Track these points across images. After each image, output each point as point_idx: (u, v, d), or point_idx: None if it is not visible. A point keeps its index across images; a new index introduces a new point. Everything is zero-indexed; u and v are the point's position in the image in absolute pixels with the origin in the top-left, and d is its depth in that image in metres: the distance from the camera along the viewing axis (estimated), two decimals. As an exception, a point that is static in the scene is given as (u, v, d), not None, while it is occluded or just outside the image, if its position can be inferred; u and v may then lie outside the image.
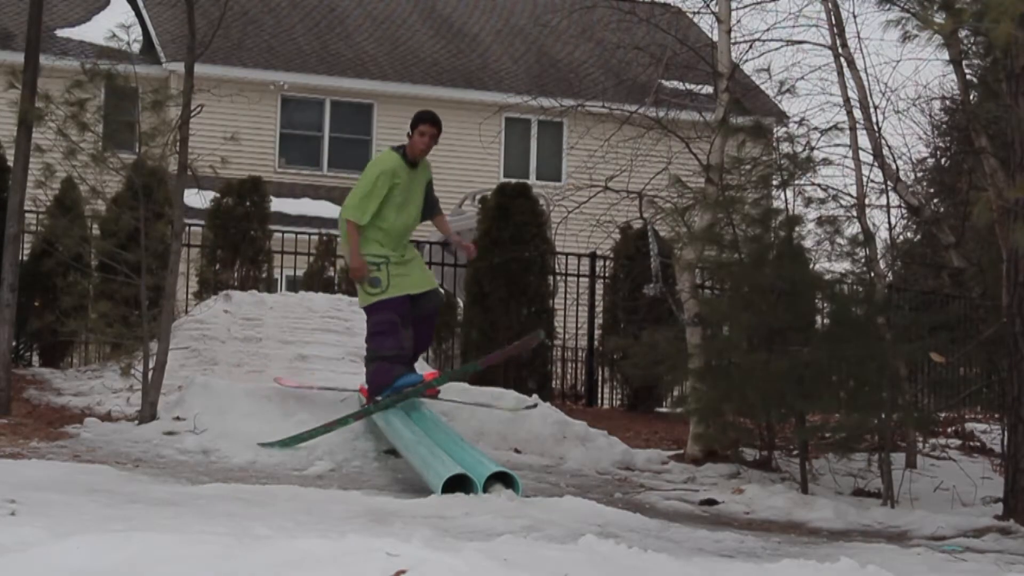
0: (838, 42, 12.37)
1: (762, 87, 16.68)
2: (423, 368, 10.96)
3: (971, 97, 13.05)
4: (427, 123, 10.21)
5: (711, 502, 9.84)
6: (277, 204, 18.17)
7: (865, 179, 11.98)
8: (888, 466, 10.51)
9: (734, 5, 12.90)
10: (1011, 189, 9.96)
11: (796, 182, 11.09)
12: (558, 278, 16.38)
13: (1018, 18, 8.41)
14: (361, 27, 28.16)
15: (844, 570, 5.97)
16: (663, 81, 14.20)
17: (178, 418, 10.34)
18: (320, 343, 12.97)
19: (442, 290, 10.79)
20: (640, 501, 9.59)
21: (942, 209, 21.05)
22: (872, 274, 11.43)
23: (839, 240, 11.10)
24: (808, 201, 11.13)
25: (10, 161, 11.96)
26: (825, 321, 11.71)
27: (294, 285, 16.75)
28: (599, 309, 16.58)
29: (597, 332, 16.41)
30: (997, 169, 11.14)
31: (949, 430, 14.70)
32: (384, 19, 28.62)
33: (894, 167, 12.78)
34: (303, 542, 5.18)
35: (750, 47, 13.85)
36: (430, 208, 10.48)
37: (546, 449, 10.96)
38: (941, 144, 27.32)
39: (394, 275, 10.16)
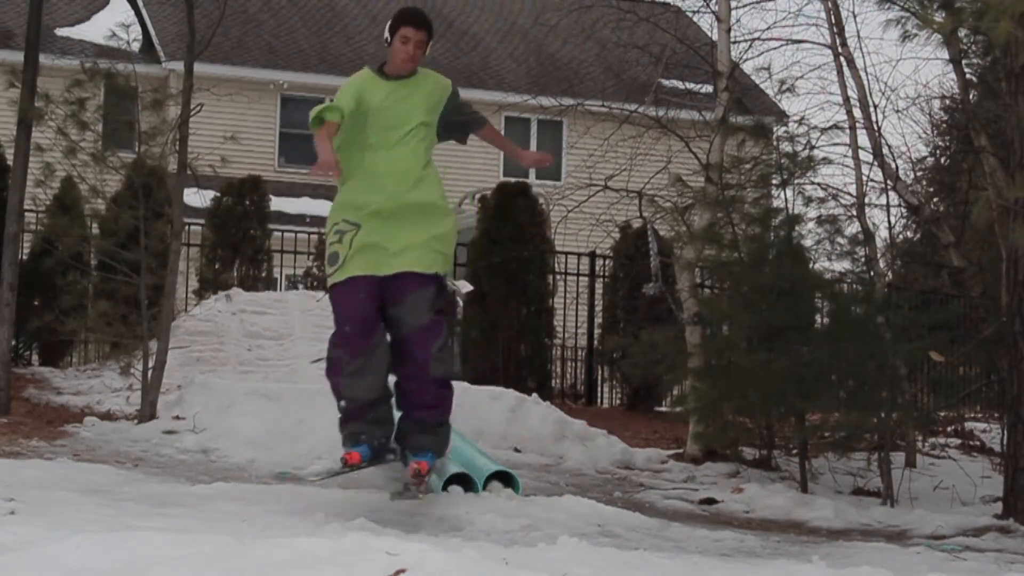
0: (838, 41, 12.36)
1: (762, 86, 16.68)
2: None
3: (971, 96, 13.06)
4: (409, 25, 7.16)
5: (711, 501, 9.84)
6: (277, 203, 18.19)
7: (865, 178, 11.97)
8: (888, 465, 10.50)
9: (734, 4, 12.89)
10: (1011, 188, 9.95)
11: (796, 181, 11.08)
12: (557, 277, 16.38)
13: (1018, 17, 8.40)
14: (361, 27, 28.16)
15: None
16: (663, 80, 14.21)
17: (178, 417, 10.34)
18: (321, 340, 12.96)
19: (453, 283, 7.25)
20: (640, 500, 9.58)
21: (942, 208, 21.04)
22: (872, 273, 11.42)
23: (839, 239, 11.10)
24: (808, 200, 11.12)
25: (10, 160, 11.96)
26: (825, 320, 11.70)
27: (294, 284, 16.76)
28: (599, 308, 16.58)
29: (597, 331, 16.41)
30: (997, 168, 11.14)
31: (949, 429, 14.71)
32: (384, 18, 28.45)
33: (894, 166, 12.77)
34: (303, 541, 5.17)
35: (750, 46, 13.86)
36: (462, 127, 7.47)
37: (546, 448, 10.96)
38: (941, 143, 27.32)
39: (359, 245, 6.98)
